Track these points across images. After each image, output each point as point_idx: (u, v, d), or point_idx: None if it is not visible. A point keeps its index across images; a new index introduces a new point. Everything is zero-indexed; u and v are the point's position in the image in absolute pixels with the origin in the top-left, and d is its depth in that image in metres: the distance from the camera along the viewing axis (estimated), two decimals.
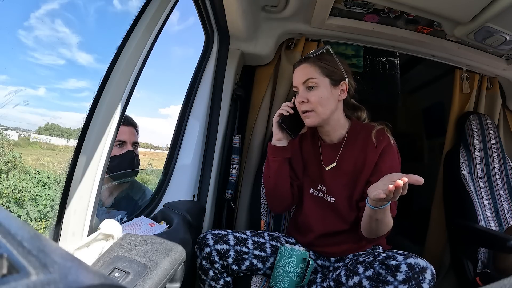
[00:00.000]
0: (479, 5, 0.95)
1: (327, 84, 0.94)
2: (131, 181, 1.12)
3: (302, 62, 0.98)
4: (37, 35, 2.09)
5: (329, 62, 0.96)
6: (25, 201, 2.21)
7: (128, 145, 1.05)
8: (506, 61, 1.35)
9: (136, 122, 1.11)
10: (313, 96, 0.93)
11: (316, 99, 0.93)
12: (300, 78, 0.95)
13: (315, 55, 0.97)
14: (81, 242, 0.56)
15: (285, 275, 0.87)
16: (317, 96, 0.93)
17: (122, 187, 1.08)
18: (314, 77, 0.93)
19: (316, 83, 0.93)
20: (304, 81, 0.94)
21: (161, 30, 0.71)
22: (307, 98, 0.93)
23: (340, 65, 0.96)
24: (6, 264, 0.16)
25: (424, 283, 0.66)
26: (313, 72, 0.94)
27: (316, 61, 0.95)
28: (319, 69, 0.94)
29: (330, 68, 0.95)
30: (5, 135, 2.25)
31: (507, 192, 1.37)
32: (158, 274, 0.56)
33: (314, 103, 0.93)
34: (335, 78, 0.95)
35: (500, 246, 1.11)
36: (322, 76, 0.94)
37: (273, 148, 1.00)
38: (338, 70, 0.96)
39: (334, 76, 0.95)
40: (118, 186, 1.07)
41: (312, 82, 0.93)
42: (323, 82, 0.94)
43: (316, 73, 0.94)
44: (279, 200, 1.04)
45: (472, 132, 1.39)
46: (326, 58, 0.96)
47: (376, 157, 0.92)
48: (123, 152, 1.04)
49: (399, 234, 1.68)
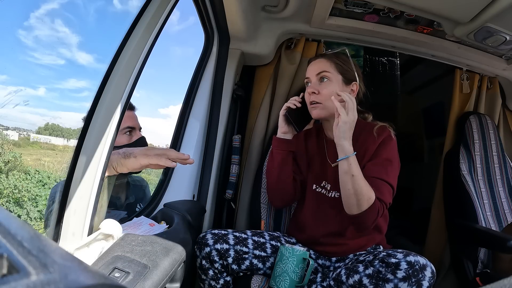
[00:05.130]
0: (479, 5, 0.95)
1: (340, 80, 0.97)
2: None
3: (319, 57, 1.01)
4: (37, 35, 2.10)
5: (344, 61, 0.99)
6: (25, 201, 2.21)
7: (137, 131, 0.98)
8: (506, 61, 1.35)
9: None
10: (324, 89, 0.95)
11: (327, 92, 0.94)
12: (315, 70, 0.98)
13: (332, 53, 1.01)
14: (81, 242, 0.56)
15: (285, 275, 0.87)
16: (328, 90, 0.95)
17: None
18: (328, 71, 0.96)
19: (329, 77, 0.96)
20: (318, 72, 0.97)
21: (161, 30, 0.71)
22: (318, 90, 0.95)
23: (354, 68, 0.99)
24: (6, 264, 0.16)
25: (424, 280, 0.66)
26: (328, 66, 0.97)
27: (332, 57, 0.99)
28: (334, 65, 0.97)
29: (344, 67, 0.98)
30: (5, 135, 2.25)
31: (507, 192, 1.37)
32: (158, 274, 0.56)
33: (325, 96, 0.95)
34: (347, 77, 0.98)
35: (500, 246, 1.11)
36: (336, 72, 0.97)
37: (278, 140, 1.01)
38: (351, 71, 0.98)
39: (347, 75, 0.98)
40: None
41: (326, 75, 0.96)
42: (336, 78, 0.97)
43: (331, 68, 0.97)
44: (280, 194, 1.04)
45: (472, 132, 1.39)
46: (342, 58, 0.99)
47: (375, 147, 0.93)
48: (134, 140, 0.96)
49: (399, 234, 1.68)
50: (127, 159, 0.67)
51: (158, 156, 0.68)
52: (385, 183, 0.88)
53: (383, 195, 0.86)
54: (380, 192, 0.85)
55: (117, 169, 0.67)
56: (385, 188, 0.88)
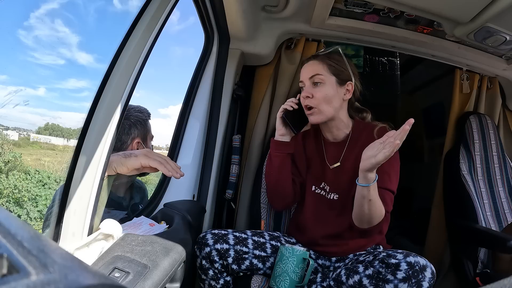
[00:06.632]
0: (479, 5, 0.95)
1: (333, 82, 0.96)
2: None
3: (311, 59, 1.00)
4: (37, 35, 2.10)
5: (337, 61, 0.97)
6: (25, 201, 2.21)
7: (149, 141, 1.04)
8: (506, 61, 1.35)
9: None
10: (318, 92, 0.94)
11: (321, 96, 0.94)
12: (308, 73, 0.97)
13: (325, 54, 0.99)
14: (81, 242, 0.56)
15: (285, 275, 0.87)
16: (322, 93, 0.94)
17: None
18: (321, 74, 0.95)
19: (322, 80, 0.95)
20: (311, 76, 0.96)
21: (161, 30, 0.71)
22: (312, 94, 0.95)
23: (348, 67, 0.98)
24: (6, 264, 0.16)
25: (424, 281, 0.66)
26: (320, 69, 0.96)
27: (325, 59, 0.97)
28: (327, 67, 0.96)
29: (337, 67, 0.96)
30: (5, 135, 2.25)
31: (507, 192, 1.37)
32: (158, 274, 0.56)
33: (319, 99, 0.94)
34: (341, 77, 0.96)
35: (500, 246, 1.11)
36: (329, 74, 0.96)
37: (276, 143, 1.01)
38: (345, 71, 0.97)
39: (341, 76, 0.96)
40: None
41: (319, 78, 0.95)
42: (329, 80, 0.95)
43: (324, 70, 0.95)
44: (280, 197, 1.04)
45: (472, 132, 1.39)
46: (335, 58, 0.98)
47: None
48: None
49: (399, 234, 1.68)
50: (128, 159, 0.68)
51: (159, 161, 0.71)
52: (388, 192, 0.89)
53: (387, 205, 0.87)
54: (385, 203, 0.86)
55: (117, 169, 0.67)
56: (388, 197, 0.89)
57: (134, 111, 0.98)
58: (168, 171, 0.71)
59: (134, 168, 0.69)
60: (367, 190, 0.81)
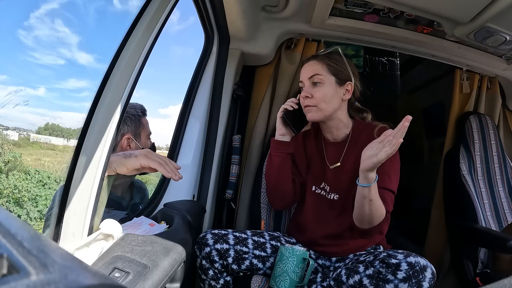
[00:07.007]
0: (479, 5, 0.95)
1: (333, 82, 0.96)
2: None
3: (311, 59, 1.00)
4: (37, 35, 2.10)
5: (337, 61, 0.97)
6: (25, 201, 2.21)
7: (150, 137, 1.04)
8: (506, 61, 1.35)
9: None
10: (317, 92, 0.94)
11: (320, 96, 0.94)
12: (307, 73, 0.97)
13: (325, 54, 0.99)
14: (81, 242, 0.56)
15: (285, 275, 0.87)
16: (321, 93, 0.94)
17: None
18: (321, 74, 0.95)
19: (321, 80, 0.95)
20: (310, 76, 0.96)
21: (161, 30, 0.71)
22: (311, 94, 0.95)
23: (348, 67, 0.98)
24: (6, 264, 0.16)
25: (424, 281, 0.66)
26: (320, 69, 0.96)
27: (324, 59, 0.97)
28: (326, 67, 0.96)
29: (337, 67, 0.96)
30: (5, 135, 2.25)
31: (507, 192, 1.37)
32: (158, 274, 0.56)
33: (318, 99, 0.94)
34: (341, 77, 0.97)
35: (500, 246, 1.11)
36: (329, 74, 0.96)
37: (276, 142, 1.01)
38: (345, 71, 0.97)
39: (341, 76, 0.97)
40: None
41: (318, 79, 0.95)
42: (328, 80, 0.95)
43: (323, 70, 0.96)
44: (280, 196, 1.04)
45: (472, 132, 1.39)
46: (335, 58, 0.98)
47: None
48: (150, 146, 1.02)
49: (399, 234, 1.68)
50: (128, 159, 0.68)
51: (159, 162, 0.71)
52: (389, 192, 0.89)
53: (388, 205, 0.88)
54: (386, 203, 0.87)
55: (117, 170, 0.67)
56: (388, 197, 0.89)
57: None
58: (168, 173, 0.71)
59: (134, 168, 0.69)
60: (367, 190, 0.81)
